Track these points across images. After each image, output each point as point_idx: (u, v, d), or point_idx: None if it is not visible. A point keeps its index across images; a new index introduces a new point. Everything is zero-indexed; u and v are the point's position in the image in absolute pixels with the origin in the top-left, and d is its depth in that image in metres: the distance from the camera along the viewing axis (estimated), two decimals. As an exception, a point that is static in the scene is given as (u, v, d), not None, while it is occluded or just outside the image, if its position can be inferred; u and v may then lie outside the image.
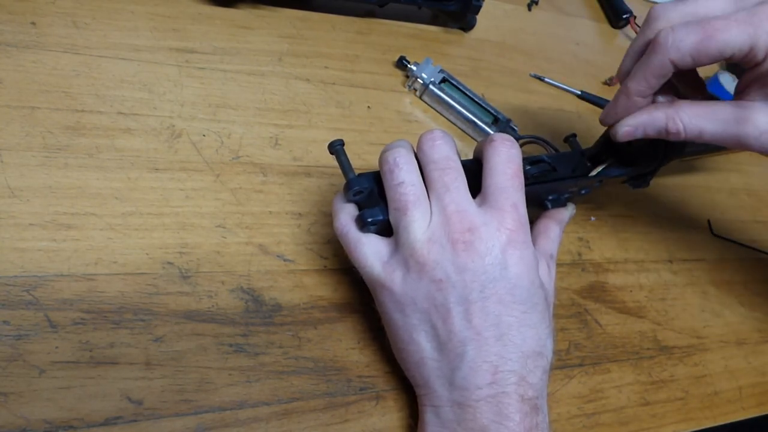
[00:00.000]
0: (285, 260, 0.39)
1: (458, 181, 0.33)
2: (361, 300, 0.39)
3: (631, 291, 0.50)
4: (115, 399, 0.31)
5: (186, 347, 0.33)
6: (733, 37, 0.33)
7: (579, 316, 0.46)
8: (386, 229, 0.35)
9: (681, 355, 0.48)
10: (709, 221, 0.60)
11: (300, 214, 0.41)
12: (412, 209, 0.33)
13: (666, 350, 0.48)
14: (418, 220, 0.33)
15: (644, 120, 0.38)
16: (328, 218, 0.42)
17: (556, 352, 0.43)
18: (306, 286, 0.38)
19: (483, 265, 0.32)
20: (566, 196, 0.44)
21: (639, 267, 0.53)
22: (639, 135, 0.39)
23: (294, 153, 0.44)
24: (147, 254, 0.35)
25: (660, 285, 0.52)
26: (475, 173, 0.35)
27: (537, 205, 0.43)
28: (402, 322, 0.34)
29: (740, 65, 0.35)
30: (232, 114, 0.44)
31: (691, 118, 0.37)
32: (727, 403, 0.48)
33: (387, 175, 0.34)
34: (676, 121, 0.37)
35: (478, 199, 0.34)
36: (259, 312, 0.36)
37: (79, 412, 0.30)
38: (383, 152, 0.35)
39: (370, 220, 0.34)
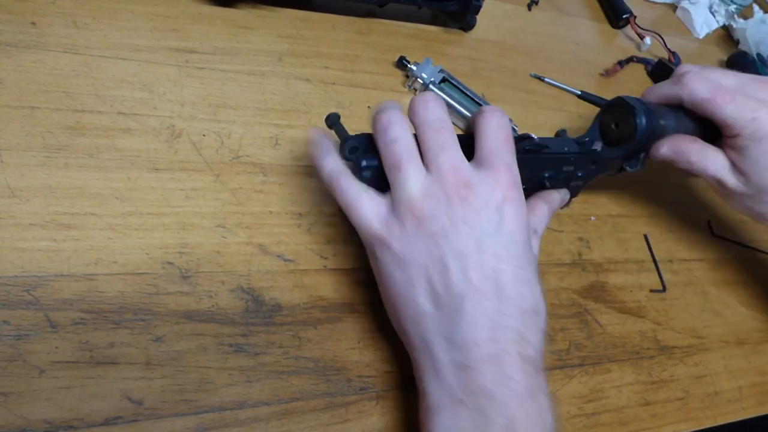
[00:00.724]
0: (285, 260, 0.39)
1: (452, 141, 0.34)
2: (361, 300, 0.39)
3: (631, 291, 0.50)
4: (115, 399, 0.31)
5: (186, 347, 0.33)
6: (726, 112, 0.44)
7: (579, 316, 0.46)
8: (380, 180, 0.35)
9: (681, 355, 0.48)
10: (709, 221, 0.60)
11: (300, 214, 0.41)
12: (407, 164, 0.33)
13: (666, 350, 0.48)
14: (413, 175, 0.33)
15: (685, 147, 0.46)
16: (328, 218, 0.42)
17: (556, 352, 0.43)
18: (306, 286, 0.38)
19: (479, 219, 0.33)
20: (563, 176, 0.43)
21: (639, 267, 0.53)
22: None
23: (294, 153, 0.44)
24: (147, 254, 0.35)
25: (660, 285, 0.52)
26: (468, 146, 0.35)
27: (536, 183, 0.42)
28: (400, 278, 0.33)
29: (721, 130, 0.45)
30: (232, 114, 0.44)
31: (700, 159, 0.46)
32: (727, 403, 0.48)
33: (380, 134, 0.34)
34: (682, 156, 0.46)
35: (472, 162, 0.35)
36: (259, 312, 0.36)
37: (79, 412, 0.30)
38: (375, 113, 0.35)
39: (365, 164, 0.34)
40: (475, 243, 0.32)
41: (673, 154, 0.46)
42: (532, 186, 0.42)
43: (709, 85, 0.44)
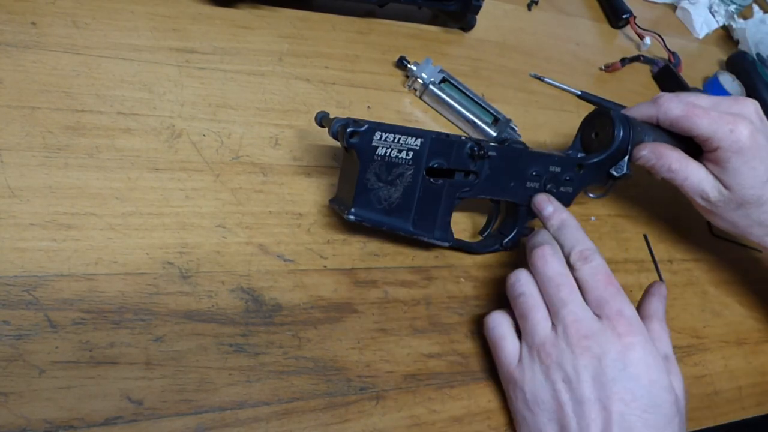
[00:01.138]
0: (285, 260, 0.39)
1: (573, 294, 0.37)
2: (361, 300, 0.39)
3: (631, 291, 0.50)
4: (115, 399, 0.31)
5: (186, 347, 0.33)
6: (703, 125, 0.44)
7: (579, 316, 0.46)
8: (367, 144, 0.36)
9: (681, 355, 0.48)
10: (708, 222, 0.60)
11: (300, 214, 0.41)
12: (533, 313, 0.37)
13: (666, 350, 0.48)
14: (540, 323, 0.37)
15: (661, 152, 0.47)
16: (328, 218, 0.42)
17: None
18: (306, 286, 0.38)
19: (601, 366, 0.34)
20: (549, 175, 0.43)
21: (639, 267, 0.53)
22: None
23: (294, 153, 0.44)
24: (147, 254, 0.35)
25: (660, 285, 0.52)
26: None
27: (521, 178, 0.42)
28: (531, 420, 0.36)
29: (701, 146, 0.46)
30: (232, 114, 0.44)
31: (681, 167, 0.46)
32: (727, 402, 0.48)
33: (509, 289, 0.39)
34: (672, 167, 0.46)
35: (589, 308, 0.37)
36: (259, 312, 0.36)
37: (79, 412, 0.30)
38: (510, 276, 0.40)
39: (350, 130, 0.35)
40: (599, 388, 0.34)
41: (654, 158, 0.46)
42: (517, 181, 0.42)
43: (682, 103, 0.45)
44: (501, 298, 0.43)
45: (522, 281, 0.39)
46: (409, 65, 0.52)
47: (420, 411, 0.37)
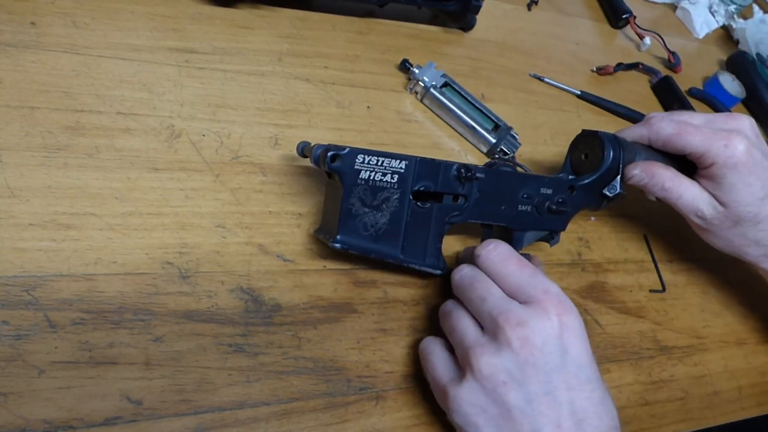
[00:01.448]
0: (285, 260, 0.39)
1: (490, 288, 0.35)
2: (361, 300, 0.39)
3: (631, 291, 0.50)
4: (115, 399, 0.31)
5: (186, 347, 0.33)
6: (695, 142, 0.43)
7: (579, 316, 0.46)
8: (348, 167, 0.35)
9: (681, 355, 0.48)
10: None
11: (300, 214, 0.41)
12: (458, 323, 0.36)
13: (666, 350, 0.48)
14: (465, 330, 0.35)
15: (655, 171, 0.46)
16: (327, 218, 0.42)
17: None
18: (306, 286, 0.38)
19: (543, 356, 0.33)
20: (541, 198, 0.42)
21: (639, 267, 0.53)
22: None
23: (294, 153, 0.44)
24: (147, 254, 0.35)
25: (660, 285, 0.52)
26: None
27: (512, 201, 0.42)
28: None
29: (695, 163, 0.45)
30: (231, 114, 0.44)
31: (674, 185, 0.45)
32: (726, 403, 0.48)
33: (440, 314, 0.38)
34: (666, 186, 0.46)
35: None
36: (259, 312, 0.36)
37: (79, 412, 0.30)
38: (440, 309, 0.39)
39: (331, 153, 0.34)
40: (545, 381, 0.33)
41: (647, 176, 0.44)
42: (508, 204, 0.41)
43: (674, 122, 0.44)
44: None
45: (447, 305, 0.38)
46: (411, 68, 0.52)
47: (420, 411, 0.37)
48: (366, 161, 0.35)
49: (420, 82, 0.52)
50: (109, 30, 0.43)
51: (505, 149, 0.52)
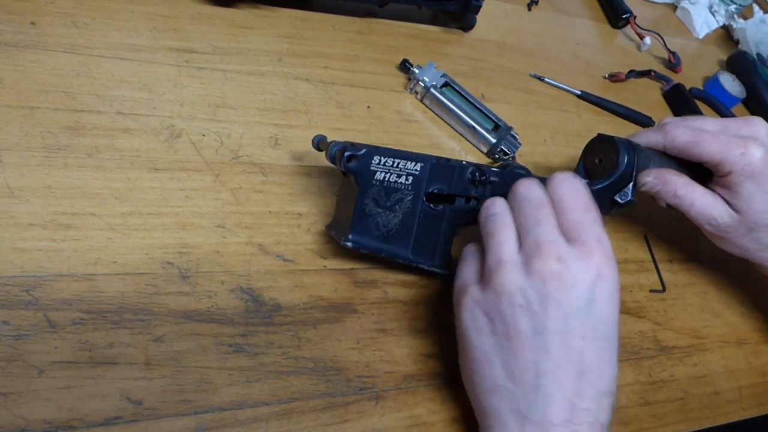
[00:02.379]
0: (285, 260, 0.39)
1: (550, 217, 0.34)
2: (361, 300, 0.39)
3: (631, 291, 0.50)
4: (115, 399, 0.31)
5: (186, 347, 0.33)
6: (712, 150, 0.43)
7: (579, 316, 0.46)
8: (365, 168, 0.35)
9: (681, 355, 0.48)
10: None
11: (300, 214, 0.41)
12: (501, 232, 0.35)
13: (666, 350, 0.48)
14: (505, 243, 0.34)
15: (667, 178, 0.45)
16: (328, 218, 0.42)
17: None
18: (306, 286, 0.38)
19: (568, 297, 0.32)
20: None
21: (639, 267, 0.53)
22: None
23: (294, 153, 0.44)
24: (147, 254, 0.35)
25: (660, 285, 0.52)
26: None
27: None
28: (478, 341, 0.34)
29: (712, 171, 0.45)
30: (232, 114, 0.44)
31: (687, 192, 0.45)
32: (726, 403, 0.48)
33: (482, 212, 0.37)
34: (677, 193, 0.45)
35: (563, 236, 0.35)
36: (259, 312, 0.36)
37: (79, 412, 0.30)
38: (486, 201, 0.37)
39: (349, 153, 0.34)
40: (563, 321, 0.32)
41: (660, 184, 0.44)
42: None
43: (690, 129, 0.44)
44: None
45: (497, 204, 0.36)
46: (411, 68, 0.52)
47: (420, 411, 0.37)
48: (382, 162, 0.36)
49: (420, 82, 0.52)
50: (109, 30, 0.43)
51: (505, 149, 0.52)
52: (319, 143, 0.38)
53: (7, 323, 0.31)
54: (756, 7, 0.91)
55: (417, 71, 0.52)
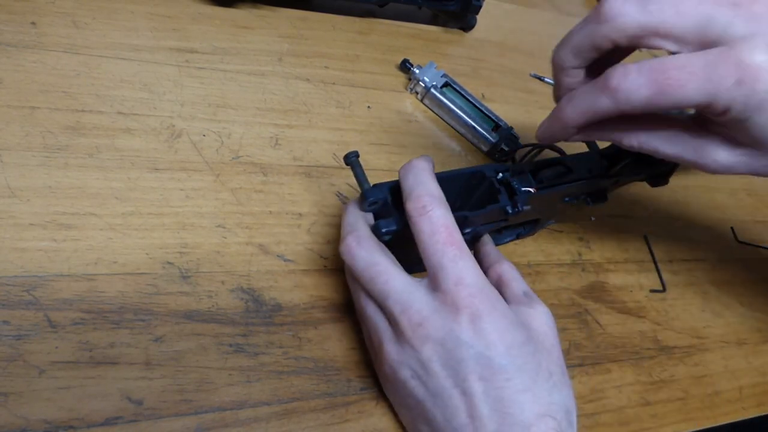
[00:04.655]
0: (285, 260, 0.39)
1: (391, 281, 0.32)
2: (361, 300, 0.39)
3: (631, 291, 0.50)
4: (115, 399, 0.31)
5: (186, 347, 0.33)
6: (690, 93, 0.30)
7: (579, 316, 0.46)
8: (400, 239, 0.35)
9: (681, 355, 0.48)
10: (732, 228, 0.60)
11: (300, 214, 0.41)
12: (366, 322, 0.35)
13: (666, 350, 0.48)
14: (376, 326, 0.34)
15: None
16: (328, 218, 0.42)
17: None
18: (306, 286, 0.38)
19: (445, 349, 0.31)
20: (582, 197, 0.44)
21: (639, 267, 0.53)
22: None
23: (294, 153, 0.44)
24: (147, 254, 0.35)
25: (660, 285, 0.52)
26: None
27: (552, 209, 0.43)
28: (399, 414, 0.36)
29: (702, 113, 0.32)
30: (232, 114, 0.44)
31: (649, 138, 0.34)
32: (727, 403, 0.48)
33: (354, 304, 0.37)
34: (631, 139, 0.35)
35: (425, 280, 0.33)
36: (259, 312, 0.36)
37: (79, 412, 0.30)
38: None
39: (384, 230, 0.34)
40: (452, 375, 0.31)
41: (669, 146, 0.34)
42: (550, 209, 0.43)
43: (647, 75, 0.30)
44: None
45: (360, 298, 0.35)
46: (412, 68, 0.52)
47: (420, 411, 0.37)
48: None
49: (420, 82, 0.52)
50: (109, 30, 0.43)
51: (505, 149, 0.52)
52: (353, 167, 0.36)
53: (7, 323, 0.31)
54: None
55: (417, 71, 0.52)
